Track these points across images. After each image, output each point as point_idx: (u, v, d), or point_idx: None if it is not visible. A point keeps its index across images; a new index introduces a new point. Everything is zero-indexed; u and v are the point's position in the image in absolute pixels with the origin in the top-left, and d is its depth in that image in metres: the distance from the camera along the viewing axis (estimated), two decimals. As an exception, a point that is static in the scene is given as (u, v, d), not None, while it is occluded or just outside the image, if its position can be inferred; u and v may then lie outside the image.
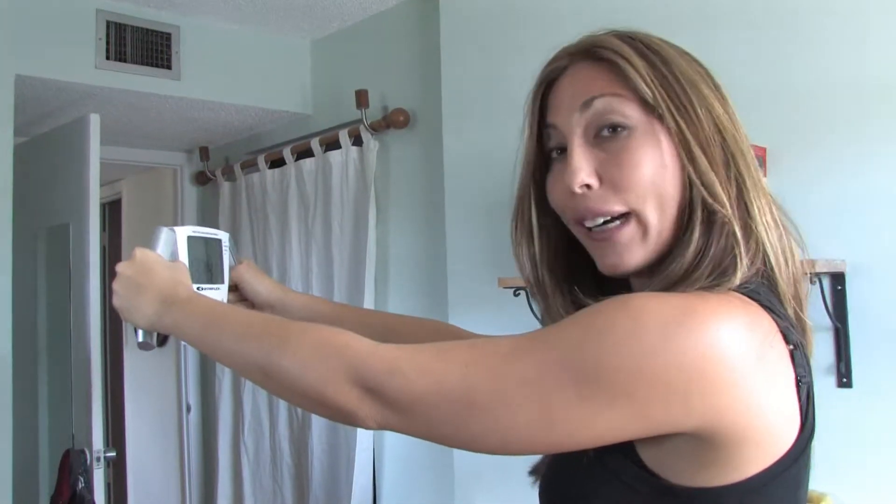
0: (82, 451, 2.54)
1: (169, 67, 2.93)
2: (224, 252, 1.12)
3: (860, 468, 1.66)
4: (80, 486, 2.49)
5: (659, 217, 0.77)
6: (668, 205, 0.76)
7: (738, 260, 0.74)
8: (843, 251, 1.66)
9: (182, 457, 3.98)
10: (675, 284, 0.74)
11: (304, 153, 3.20)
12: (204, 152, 3.78)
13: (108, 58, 2.77)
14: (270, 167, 3.39)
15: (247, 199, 3.51)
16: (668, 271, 0.75)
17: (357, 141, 2.95)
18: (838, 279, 1.67)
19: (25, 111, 2.89)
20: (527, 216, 0.87)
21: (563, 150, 0.81)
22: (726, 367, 0.66)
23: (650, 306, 0.68)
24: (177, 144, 3.88)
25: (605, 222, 0.78)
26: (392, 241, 2.93)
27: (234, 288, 1.14)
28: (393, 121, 2.82)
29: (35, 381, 2.91)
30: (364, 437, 2.82)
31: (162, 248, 1.03)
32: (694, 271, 0.74)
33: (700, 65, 0.81)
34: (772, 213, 0.78)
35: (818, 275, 1.63)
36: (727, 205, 0.74)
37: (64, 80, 2.71)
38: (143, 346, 1.01)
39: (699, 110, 0.76)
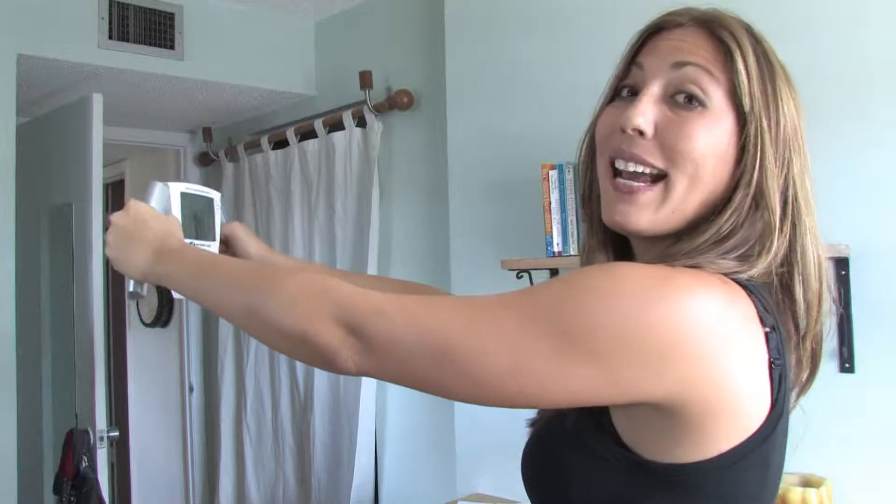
0: (86, 431, 2.55)
1: (172, 48, 2.91)
2: (216, 210, 1.15)
3: (861, 453, 1.67)
4: (83, 465, 2.50)
5: (685, 193, 0.78)
6: (700, 188, 0.78)
7: (765, 251, 0.76)
8: (848, 235, 1.65)
9: (185, 437, 4.00)
10: (684, 256, 0.76)
11: (308, 134, 3.19)
12: (207, 133, 3.78)
13: (110, 37, 2.76)
14: (274, 148, 3.38)
15: (250, 180, 3.51)
16: (680, 245, 0.78)
17: (361, 122, 2.94)
18: (842, 264, 1.67)
19: (28, 91, 2.89)
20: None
21: (634, 92, 0.83)
22: (699, 340, 0.67)
23: (632, 273, 0.70)
24: (180, 125, 3.87)
25: (637, 175, 0.80)
26: (395, 223, 2.93)
27: (224, 245, 1.18)
28: (397, 102, 2.81)
29: (39, 361, 2.92)
30: (366, 418, 2.84)
31: (155, 201, 1.06)
32: (706, 252, 0.75)
33: (784, 67, 0.83)
34: (813, 219, 0.80)
35: (822, 259, 1.63)
36: (777, 212, 0.77)
37: (66, 59, 2.70)
38: (132, 295, 1.04)
39: (781, 118, 0.78)
